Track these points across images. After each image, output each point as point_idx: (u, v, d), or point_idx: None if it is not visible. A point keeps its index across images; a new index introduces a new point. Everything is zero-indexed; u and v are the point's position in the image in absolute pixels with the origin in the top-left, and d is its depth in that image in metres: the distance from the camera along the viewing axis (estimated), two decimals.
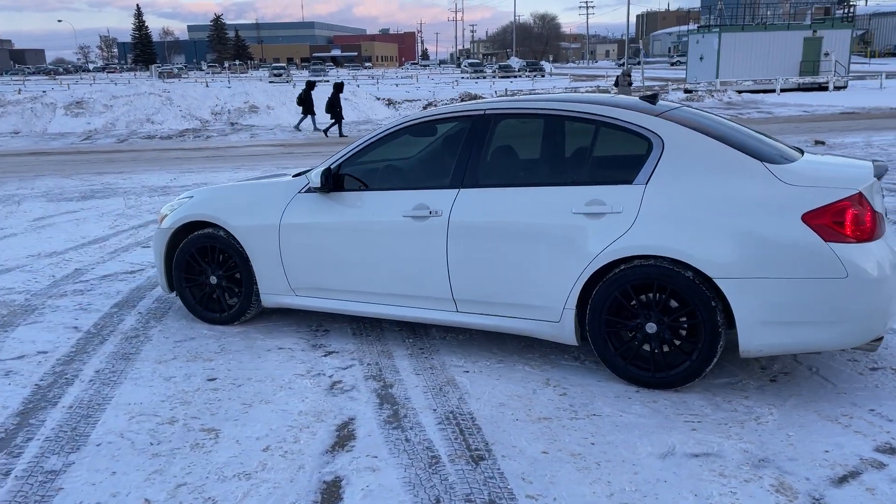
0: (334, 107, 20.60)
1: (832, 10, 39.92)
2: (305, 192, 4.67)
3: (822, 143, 13.91)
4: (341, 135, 20.78)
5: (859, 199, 3.47)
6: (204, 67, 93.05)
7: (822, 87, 33.39)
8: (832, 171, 3.81)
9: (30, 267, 6.81)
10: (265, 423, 3.62)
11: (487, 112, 4.29)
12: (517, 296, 4.08)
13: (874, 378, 3.90)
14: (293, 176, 4.95)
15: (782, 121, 21.28)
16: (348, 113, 27.57)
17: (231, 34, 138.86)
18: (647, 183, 3.76)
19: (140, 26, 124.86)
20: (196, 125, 24.97)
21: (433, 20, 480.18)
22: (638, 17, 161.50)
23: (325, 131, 21.05)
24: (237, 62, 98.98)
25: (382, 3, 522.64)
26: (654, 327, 3.76)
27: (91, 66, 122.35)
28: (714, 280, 3.57)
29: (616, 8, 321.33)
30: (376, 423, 3.58)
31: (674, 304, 3.72)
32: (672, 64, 70.26)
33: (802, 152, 4.20)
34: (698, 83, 33.49)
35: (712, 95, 30.92)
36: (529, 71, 60.61)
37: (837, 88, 33.46)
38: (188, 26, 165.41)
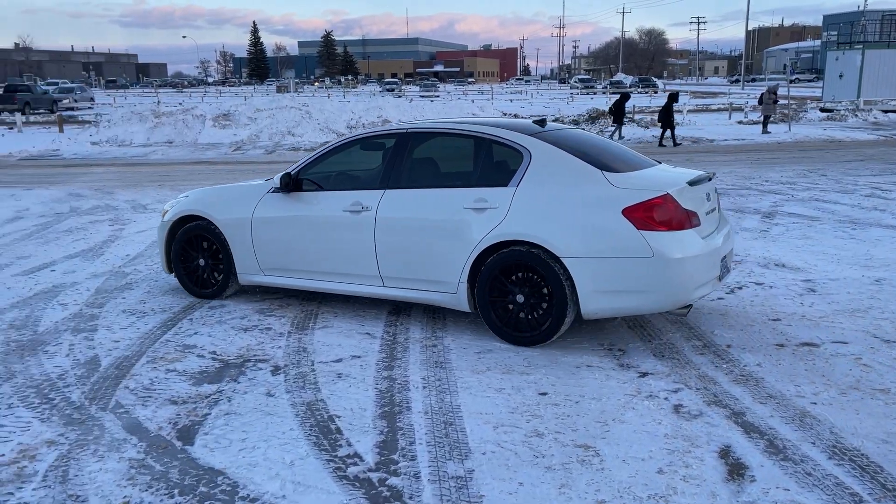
0: (668, 116, 20.85)
1: None
2: (272, 192, 5.83)
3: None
4: (675, 143, 20.95)
5: (666, 198, 4.56)
6: (314, 82, 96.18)
7: None
8: (657, 177, 4.87)
9: None
10: (639, 444, 3.58)
11: (409, 131, 5.47)
12: (426, 273, 5.19)
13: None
14: (265, 181, 6.05)
15: None
16: None
17: (339, 50, 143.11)
18: (517, 186, 4.91)
19: (256, 42, 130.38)
20: (333, 138, 25.70)
21: (533, 36, 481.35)
22: (748, 32, 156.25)
23: (660, 141, 21.31)
24: (349, 77, 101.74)
25: (483, 19, 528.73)
26: (521, 297, 4.86)
27: (210, 80, 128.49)
28: (561, 259, 4.64)
29: (722, 25, 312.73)
30: (759, 453, 3.47)
31: (535, 278, 4.79)
32: (791, 81, 67.16)
33: (659, 163, 5.40)
34: (837, 102, 31.99)
35: (855, 115, 29.44)
36: (642, 87, 59.51)
37: None
38: (298, 42, 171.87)
